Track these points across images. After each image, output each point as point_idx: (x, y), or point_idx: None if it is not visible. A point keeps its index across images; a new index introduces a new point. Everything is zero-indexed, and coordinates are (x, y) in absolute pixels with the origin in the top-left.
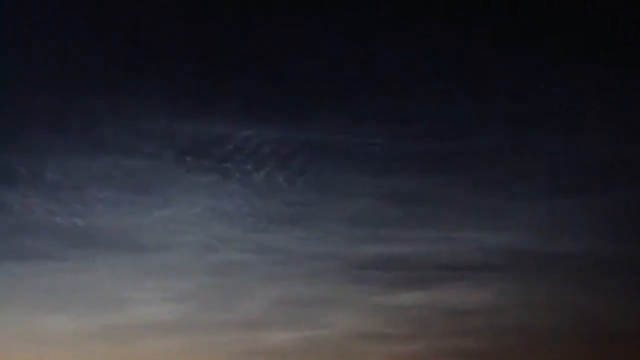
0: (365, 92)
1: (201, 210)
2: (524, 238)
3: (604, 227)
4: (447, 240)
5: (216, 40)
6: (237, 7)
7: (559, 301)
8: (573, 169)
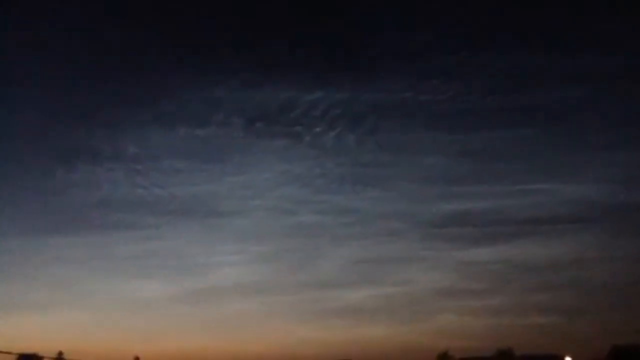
0: (431, 49)
1: (274, 175)
2: (605, 189)
3: None
4: (523, 194)
5: (279, 10)
6: None
7: None
8: None
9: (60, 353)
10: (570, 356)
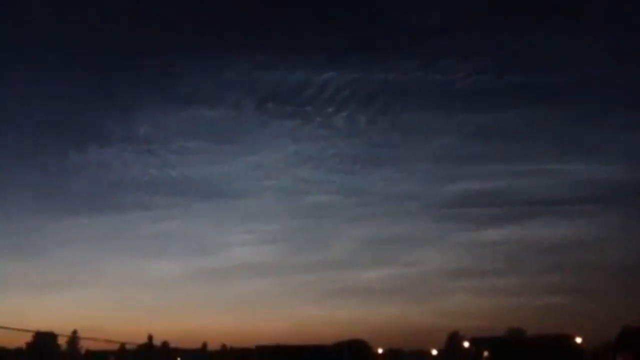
0: (446, 28)
1: (285, 155)
2: (620, 170)
3: None
4: (537, 174)
5: None
6: None
7: None
8: None
9: (75, 332)
10: (581, 337)
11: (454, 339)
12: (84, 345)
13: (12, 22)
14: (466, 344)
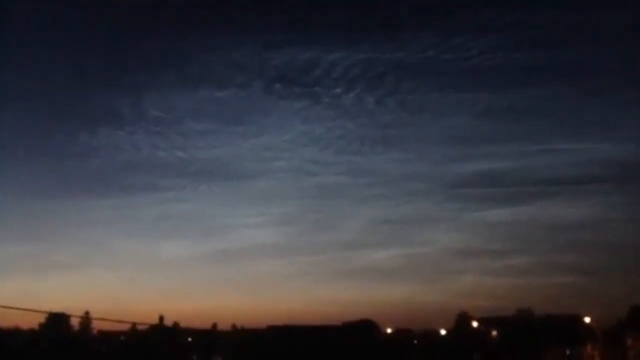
0: (454, 5)
1: (294, 136)
2: (634, 148)
3: None
4: (547, 153)
5: None
6: None
7: None
8: None
9: (87, 313)
10: (590, 317)
11: (463, 319)
12: (96, 325)
13: (24, 4)
14: (475, 324)
